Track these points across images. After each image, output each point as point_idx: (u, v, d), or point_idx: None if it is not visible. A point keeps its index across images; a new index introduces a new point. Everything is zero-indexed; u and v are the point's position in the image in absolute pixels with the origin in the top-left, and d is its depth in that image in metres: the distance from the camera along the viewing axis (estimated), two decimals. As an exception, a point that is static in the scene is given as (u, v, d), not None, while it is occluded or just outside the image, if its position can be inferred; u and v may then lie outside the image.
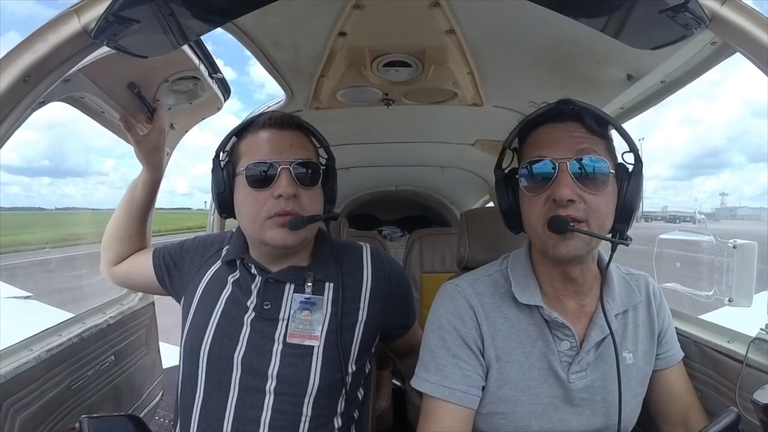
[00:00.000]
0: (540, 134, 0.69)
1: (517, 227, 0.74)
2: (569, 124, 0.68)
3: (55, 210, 74.60)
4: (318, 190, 0.82)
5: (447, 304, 0.74)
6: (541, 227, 0.65)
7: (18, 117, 0.58)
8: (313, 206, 0.80)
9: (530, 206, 0.68)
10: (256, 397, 0.76)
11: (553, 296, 0.72)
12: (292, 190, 0.75)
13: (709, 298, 1.06)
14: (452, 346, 0.71)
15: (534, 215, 0.67)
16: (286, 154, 0.77)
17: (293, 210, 0.76)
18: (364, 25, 0.98)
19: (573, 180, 0.64)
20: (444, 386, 0.69)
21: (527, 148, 0.70)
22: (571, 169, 0.64)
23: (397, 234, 3.71)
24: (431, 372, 0.71)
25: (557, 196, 0.63)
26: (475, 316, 0.72)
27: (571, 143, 0.66)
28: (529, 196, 0.67)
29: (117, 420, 0.71)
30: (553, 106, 0.69)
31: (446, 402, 0.69)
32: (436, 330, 0.73)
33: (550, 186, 0.65)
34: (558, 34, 0.97)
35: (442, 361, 0.71)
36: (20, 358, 0.85)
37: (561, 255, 0.65)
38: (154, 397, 1.39)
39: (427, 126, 1.86)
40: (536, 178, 0.66)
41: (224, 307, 0.81)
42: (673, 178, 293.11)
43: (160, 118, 0.98)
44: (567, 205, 0.63)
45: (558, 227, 0.63)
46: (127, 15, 0.56)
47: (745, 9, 0.55)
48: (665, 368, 0.77)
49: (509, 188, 0.73)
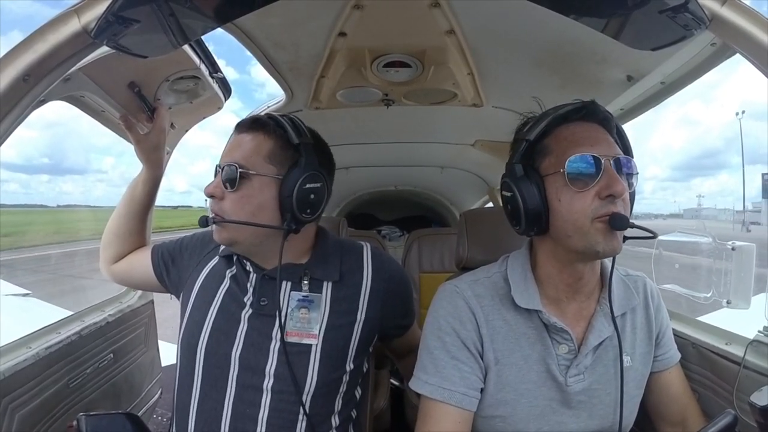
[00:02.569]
0: (575, 130, 0.68)
1: (540, 228, 0.69)
2: (597, 126, 0.69)
3: (56, 207, 74.70)
4: (239, 194, 0.77)
5: (446, 306, 0.73)
6: (589, 223, 0.64)
7: (18, 116, 0.58)
8: (233, 209, 0.77)
9: (573, 202, 0.65)
10: (253, 394, 0.76)
11: (554, 299, 0.72)
12: (211, 191, 0.78)
13: (707, 299, 1.06)
14: (451, 348, 0.70)
15: (578, 211, 0.65)
16: (225, 157, 0.79)
17: (215, 210, 0.79)
18: (364, 26, 0.98)
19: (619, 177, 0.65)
20: (443, 388, 0.69)
21: (561, 143, 0.68)
22: (614, 166, 0.65)
23: (396, 234, 3.71)
24: (430, 374, 0.70)
25: (615, 191, 0.63)
26: (474, 318, 0.71)
27: (607, 143, 0.67)
28: (574, 191, 0.65)
29: (114, 418, 0.71)
30: (585, 104, 0.69)
31: (445, 404, 0.69)
32: (435, 332, 0.72)
33: (598, 181, 0.64)
34: (558, 34, 0.97)
35: (441, 362, 0.70)
36: (19, 356, 0.86)
37: (614, 250, 0.65)
38: (153, 395, 1.39)
39: (426, 126, 1.86)
40: (584, 172, 0.65)
41: (221, 303, 0.81)
42: (670, 179, 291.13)
43: (160, 117, 0.98)
44: (617, 201, 0.64)
45: (621, 225, 0.63)
46: (127, 15, 0.56)
47: (745, 9, 0.55)
48: (663, 370, 0.77)
49: (534, 185, 0.68)
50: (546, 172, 0.68)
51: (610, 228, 0.63)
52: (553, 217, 0.67)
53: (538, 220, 0.68)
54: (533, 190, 0.68)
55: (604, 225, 0.63)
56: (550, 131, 0.70)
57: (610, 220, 0.63)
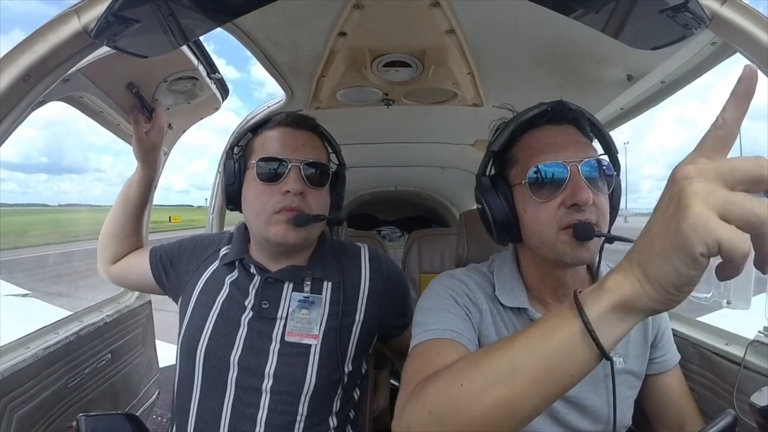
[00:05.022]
0: (540, 136, 0.65)
1: (513, 238, 0.69)
2: (567, 126, 0.66)
3: (58, 206, 74.68)
4: (325, 192, 0.83)
5: (443, 282, 0.71)
6: (554, 234, 0.62)
7: (18, 116, 0.58)
8: (318, 206, 0.80)
9: (538, 213, 0.64)
10: (253, 395, 0.76)
11: (541, 300, 0.72)
12: (300, 187, 0.77)
13: (707, 300, 1.06)
14: (448, 303, 0.66)
15: (543, 222, 0.63)
16: (298, 153, 0.79)
17: (299, 206, 0.77)
18: (364, 25, 0.98)
19: (586, 183, 0.61)
20: (449, 329, 0.61)
21: (525, 151, 0.66)
22: (582, 171, 0.62)
23: (396, 234, 3.71)
24: (429, 324, 0.62)
25: (579, 200, 0.60)
26: (469, 298, 0.69)
27: (575, 146, 0.64)
28: (538, 202, 0.63)
29: (114, 418, 0.71)
30: (549, 107, 0.66)
31: (452, 340, 0.60)
32: (431, 298, 0.68)
33: (563, 190, 0.62)
34: (558, 34, 0.97)
35: (440, 314, 0.64)
36: (18, 356, 0.85)
37: (582, 260, 0.62)
38: (151, 395, 1.39)
39: (426, 126, 1.85)
40: (547, 182, 0.63)
41: (221, 308, 0.81)
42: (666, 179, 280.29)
43: (158, 116, 0.98)
44: (584, 209, 0.61)
45: (585, 235, 0.60)
46: (127, 15, 0.56)
47: (745, 9, 0.55)
48: (662, 372, 0.77)
49: (500, 195, 0.68)
50: (513, 182, 0.67)
51: (566, 238, 0.61)
52: (522, 228, 0.67)
53: (509, 230, 0.68)
54: (500, 202, 0.67)
55: (568, 237, 0.61)
56: (516, 139, 0.68)
57: (575, 231, 0.61)
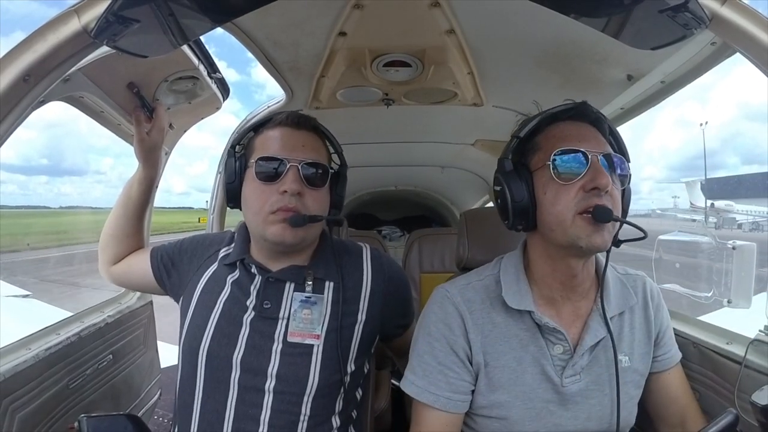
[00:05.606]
0: (564, 128, 0.69)
1: (528, 223, 0.70)
2: (589, 125, 0.70)
3: (59, 208, 74.71)
4: (324, 192, 0.83)
5: (437, 311, 0.75)
6: (571, 218, 0.65)
7: (18, 116, 0.58)
8: (317, 207, 0.80)
9: (558, 195, 0.66)
10: (255, 396, 0.76)
11: (548, 299, 0.72)
12: (297, 188, 0.76)
13: (708, 299, 1.06)
14: (439, 354, 0.72)
15: (562, 203, 0.65)
16: (297, 153, 0.79)
17: (296, 207, 0.77)
18: (364, 25, 0.98)
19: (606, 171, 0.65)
20: (429, 392, 0.71)
21: (550, 140, 0.69)
22: (601, 162, 0.65)
23: (396, 234, 3.71)
24: (418, 376, 0.73)
25: (599, 184, 0.63)
26: (463, 323, 0.72)
27: (596, 140, 0.68)
28: (559, 184, 0.66)
29: (116, 419, 0.71)
30: (576, 105, 0.70)
31: (431, 407, 0.71)
32: (425, 336, 0.74)
33: (583, 176, 0.65)
34: (558, 34, 0.97)
35: (428, 367, 0.72)
36: (19, 357, 0.85)
37: (596, 245, 0.64)
38: (152, 396, 1.39)
39: (427, 126, 1.86)
40: (569, 165, 0.66)
41: (223, 308, 0.81)
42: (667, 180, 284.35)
43: (159, 116, 0.98)
44: (602, 195, 0.64)
45: (603, 217, 0.63)
46: (127, 15, 0.56)
47: (745, 9, 0.55)
48: (663, 370, 0.77)
49: (521, 178, 0.70)
50: (535, 167, 0.70)
51: (593, 221, 0.63)
52: (539, 211, 0.69)
53: (525, 213, 0.69)
54: (521, 185, 0.70)
55: (585, 221, 0.64)
56: (540, 129, 0.71)
57: (593, 212, 0.63)
